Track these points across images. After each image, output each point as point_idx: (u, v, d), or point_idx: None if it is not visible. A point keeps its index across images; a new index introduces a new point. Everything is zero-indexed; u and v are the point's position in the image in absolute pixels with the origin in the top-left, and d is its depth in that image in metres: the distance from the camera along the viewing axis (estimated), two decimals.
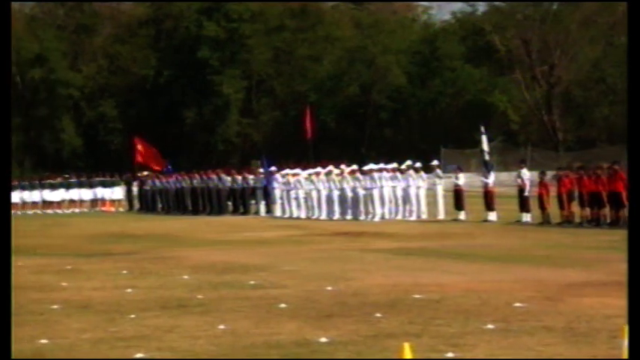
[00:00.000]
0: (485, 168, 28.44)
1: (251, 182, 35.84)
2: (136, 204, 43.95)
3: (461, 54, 71.45)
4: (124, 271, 15.39)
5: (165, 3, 77.81)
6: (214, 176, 37.52)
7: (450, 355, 8.01)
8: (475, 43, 72.81)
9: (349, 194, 30.43)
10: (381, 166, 30.44)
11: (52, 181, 45.50)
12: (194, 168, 43.50)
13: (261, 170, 38.06)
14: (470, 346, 8.37)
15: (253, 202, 35.85)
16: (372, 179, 29.66)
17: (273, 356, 8.20)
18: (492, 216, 26.99)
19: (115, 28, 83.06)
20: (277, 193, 33.57)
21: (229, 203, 36.69)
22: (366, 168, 30.93)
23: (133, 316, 10.43)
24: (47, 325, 9.91)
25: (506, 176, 29.74)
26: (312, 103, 62.64)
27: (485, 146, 28.80)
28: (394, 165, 30.14)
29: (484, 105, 66.47)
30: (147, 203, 42.43)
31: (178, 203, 39.32)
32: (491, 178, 27.94)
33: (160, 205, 41.29)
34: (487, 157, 28.72)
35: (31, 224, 33.03)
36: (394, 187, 29.34)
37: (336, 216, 30.64)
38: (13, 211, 42.39)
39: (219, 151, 73.92)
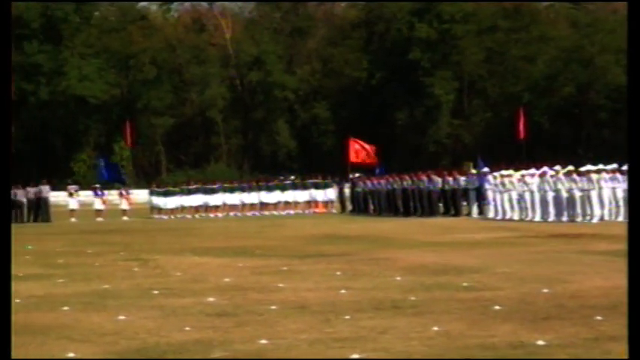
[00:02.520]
0: None
1: (462, 183, 35.53)
2: (348, 205, 44.48)
3: None
4: (338, 272, 15.55)
5: (377, 5, 78.48)
6: (425, 177, 37.43)
7: None
8: None
9: (564, 195, 29.67)
10: (600, 166, 29.51)
11: (268, 183, 46.65)
12: (405, 169, 43.64)
13: (473, 171, 37.69)
14: None
15: (465, 203, 35.54)
16: (590, 180, 28.79)
17: (487, 357, 8.08)
18: None
19: (328, 31, 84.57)
20: (490, 194, 33.15)
21: (440, 205, 36.53)
22: (583, 169, 30.03)
23: (347, 317, 10.51)
24: (267, 326, 10.12)
25: None
26: (526, 104, 61.71)
27: None
28: (614, 166, 29.13)
29: None
30: (359, 205, 42.86)
31: (390, 205, 39.47)
32: None
33: (371, 207, 41.61)
34: None
35: (249, 226, 33.99)
36: (614, 189, 28.37)
37: (551, 217, 29.91)
38: (232, 213, 44.06)
39: (430, 153, 73.89)
